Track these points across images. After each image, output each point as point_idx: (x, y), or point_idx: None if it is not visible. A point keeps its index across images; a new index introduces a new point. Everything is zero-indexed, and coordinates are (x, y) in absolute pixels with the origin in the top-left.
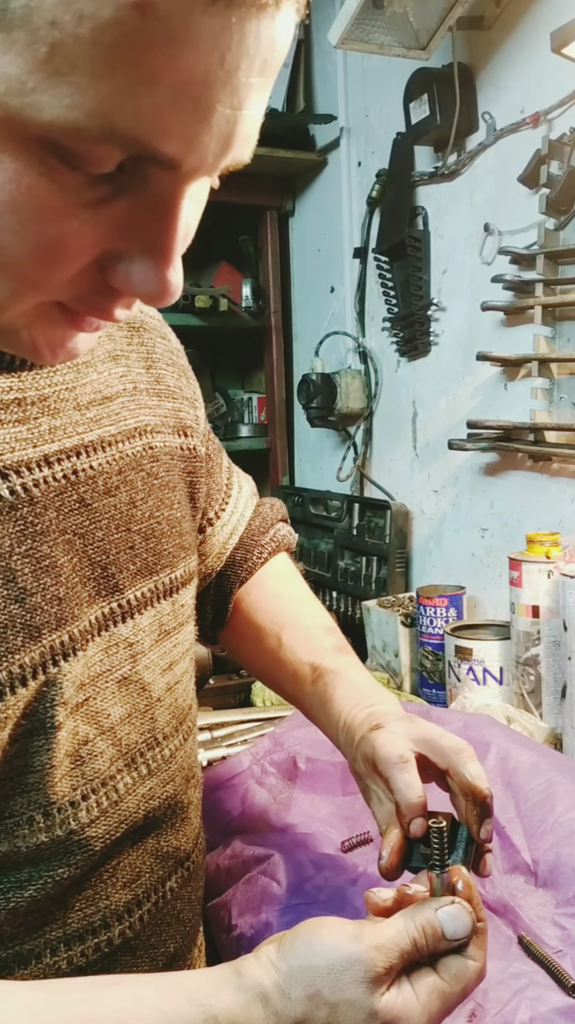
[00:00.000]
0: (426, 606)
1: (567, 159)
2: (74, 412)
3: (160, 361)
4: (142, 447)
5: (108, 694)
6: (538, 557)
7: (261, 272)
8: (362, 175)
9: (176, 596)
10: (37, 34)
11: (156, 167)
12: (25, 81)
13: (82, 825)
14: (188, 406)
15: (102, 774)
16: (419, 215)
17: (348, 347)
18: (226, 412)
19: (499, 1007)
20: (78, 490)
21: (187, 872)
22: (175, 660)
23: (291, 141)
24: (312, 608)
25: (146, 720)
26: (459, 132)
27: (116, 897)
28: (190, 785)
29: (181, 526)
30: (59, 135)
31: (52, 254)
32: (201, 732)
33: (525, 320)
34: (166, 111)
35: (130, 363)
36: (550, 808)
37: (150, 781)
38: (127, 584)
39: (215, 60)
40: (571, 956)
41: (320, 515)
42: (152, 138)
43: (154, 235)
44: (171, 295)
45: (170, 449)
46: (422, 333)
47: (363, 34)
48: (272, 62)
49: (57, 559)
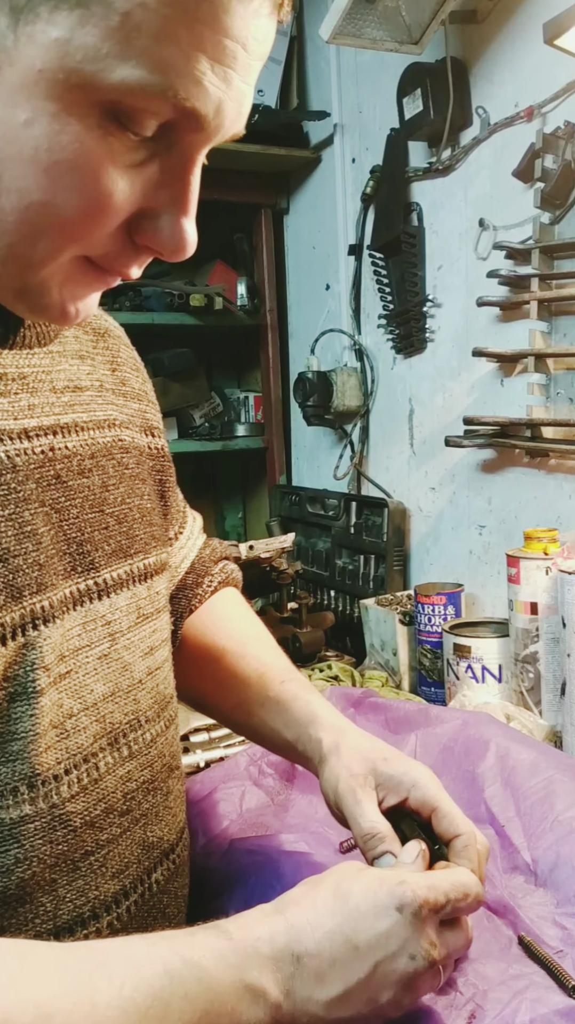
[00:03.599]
0: (424, 604)
1: (561, 153)
2: (50, 394)
3: (125, 365)
4: (112, 438)
5: (90, 669)
6: (536, 554)
7: (256, 270)
8: (356, 171)
9: (151, 582)
10: (112, 6)
11: (186, 130)
12: (99, 48)
13: (63, 799)
14: (153, 409)
15: (84, 750)
16: (414, 211)
17: (344, 345)
18: (223, 411)
19: (499, 1008)
20: (55, 466)
21: (173, 866)
22: (155, 646)
23: (285, 138)
24: (268, 633)
25: (129, 701)
26: (453, 127)
27: (105, 888)
28: (172, 776)
29: (152, 517)
30: (124, 94)
31: (101, 210)
32: (198, 733)
33: (521, 315)
34: (207, 75)
35: (95, 364)
36: (550, 806)
37: (130, 763)
38: (102, 563)
39: (239, 37)
40: (572, 956)
41: (317, 514)
42: (194, 97)
43: (176, 192)
44: (191, 245)
45: (139, 446)
46: (418, 330)
47: (355, 29)
48: (264, 50)
49: (37, 527)
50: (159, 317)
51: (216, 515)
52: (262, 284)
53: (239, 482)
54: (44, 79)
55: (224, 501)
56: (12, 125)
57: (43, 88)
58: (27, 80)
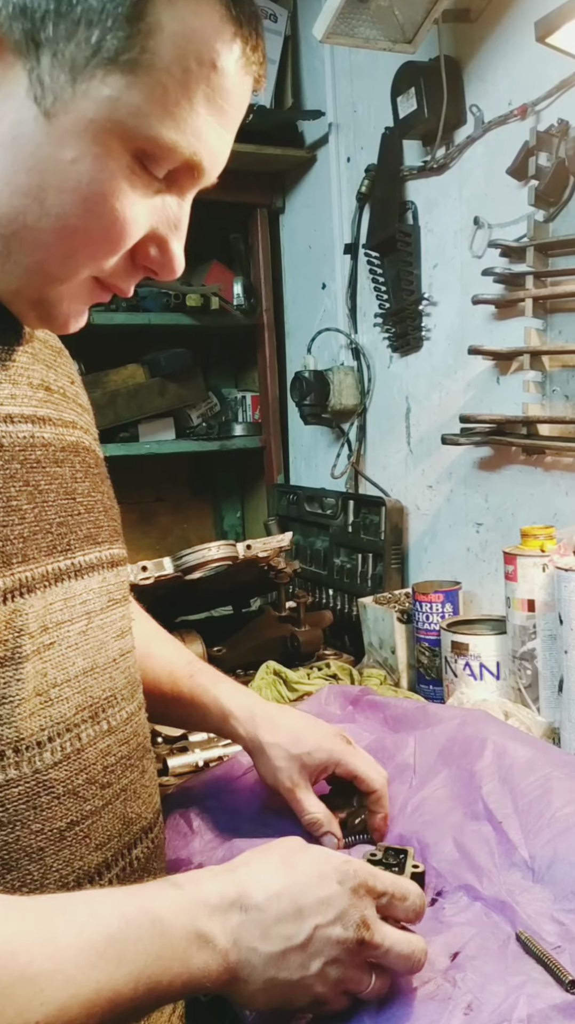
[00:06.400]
0: (422, 602)
1: (555, 150)
2: (28, 388)
3: (77, 382)
4: (76, 438)
5: (71, 643)
6: (533, 551)
7: (252, 270)
8: (351, 170)
9: (117, 571)
10: (154, 77)
11: (187, 176)
12: (141, 107)
13: (47, 766)
14: (95, 427)
15: (67, 719)
16: (409, 210)
17: (340, 344)
18: (220, 411)
19: (497, 1003)
20: (35, 452)
21: (152, 844)
22: (125, 630)
23: (280, 138)
24: (161, 627)
25: (106, 678)
26: (447, 125)
27: (89, 858)
28: (147, 756)
29: (111, 513)
30: (155, 146)
31: (121, 236)
32: (197, 732)
33: (516, 313)
34: (217, 139)
35: (59, 374)
36: (547, 803)
37: (109, 738)
38: (76, 547)
39: (238, 104)
40: (569, 952)
41: (315, 513)
42: (202, 156)
43: (175, 222)
44: (181, 266)
45: (94, 451)
46: (414, 328)
47: (348, 28)
48: (242, 114)
49: (21, 504)
50: (156, 317)
51: (214, 515)
52: (258, 284)
53: (237, 482)
54: (93, 127)
55: (222, 501)
56: (60, 161)
57: (91, 134)
58: (78, 127)
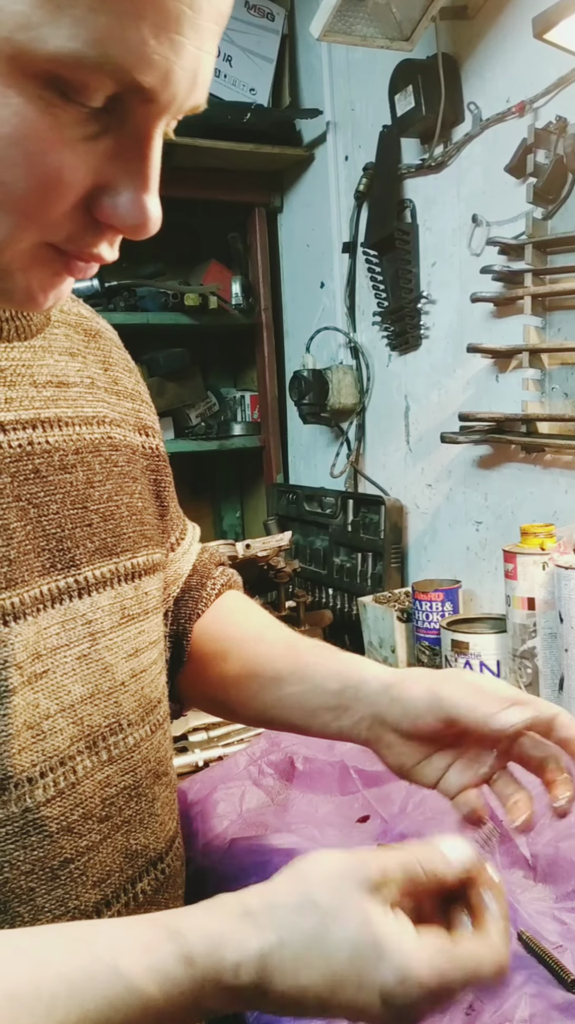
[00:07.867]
0: (422, 601)
1: (553, 147)
2: (30, 388)
3: (116, 366)
4: (101, 435)
5: (68, 669)
6: (533, 549)
7: (250, 269)
8: (349, 169)
9: (139, 582)
10: None
11: (136, 102)
12: (30, 16)
13: (38, 803)
14: (148, 409)
15: (61, 752)
16: (407, 208)
17: (339, 343)
18: (219, 411)
19: (498, 1003)
20: (33, 461)
21: (162, 876)
22: (141, 648)
23: (277, 137)
24: (282, 624)
25: (110, 703)
26: (445, 123)
27: (86, 897)
28: (159, 783)
29: (142, 516)
30: (60, 66)
31: (51, 186)
32: (197, 732)
33: (515, 311)
34: (149, 44)
35: (87, 362)
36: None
37: (110, 768)
38: (84, 561)
39: (186, 2)
40: (571, 951)
41: (315, 512)
42: (138, 69)
43: (134, 167)
44: (152, 223)
45: (131, 444)
46: (412, 327)
47: (346, 26)
48: (222, 12)
49: (9, 523)
50: (154, 317)
51: (214, 514)
52: (257, 283)
53: (236, 481)
54: None
55: (221, 500)
56: None
57: None
58: None
